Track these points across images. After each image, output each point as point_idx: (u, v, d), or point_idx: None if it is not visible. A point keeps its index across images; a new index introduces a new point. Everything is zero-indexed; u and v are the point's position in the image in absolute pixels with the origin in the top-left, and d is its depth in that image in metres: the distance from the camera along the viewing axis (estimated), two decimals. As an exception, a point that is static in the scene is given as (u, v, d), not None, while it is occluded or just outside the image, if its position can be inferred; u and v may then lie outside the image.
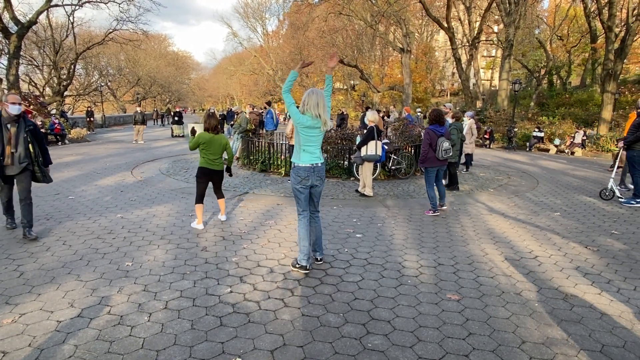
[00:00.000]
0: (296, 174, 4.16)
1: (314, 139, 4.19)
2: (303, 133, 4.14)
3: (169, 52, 64.13)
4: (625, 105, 24.66)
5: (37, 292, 3.66)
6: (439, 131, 6.45)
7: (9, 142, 4.81)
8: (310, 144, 4.17)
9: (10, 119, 4.85)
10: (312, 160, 4.15)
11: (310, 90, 4.20)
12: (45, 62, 32.56)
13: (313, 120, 4.12)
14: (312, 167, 4.15)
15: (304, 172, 4.13)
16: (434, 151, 6.43)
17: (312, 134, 4.16)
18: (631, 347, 2.94)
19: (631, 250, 5.05)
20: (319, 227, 4.46)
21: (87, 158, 12.92)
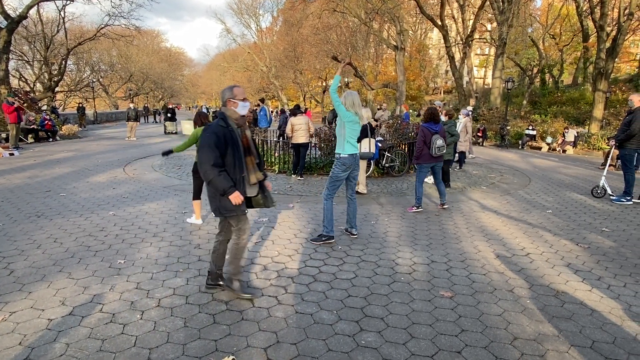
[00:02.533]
0: (342, 163, 4.96)
1: (355, 133, 5.01)
2: (349, 127, 4.94)
3: (162, 48, 63.66)
4: (616, 104, 24.90)
5: (28, 290, 3.62)
6: (433, 129, 6.49)
7: None
8: (352, 137, 4.99)
9: None
10: (354, 151, 4.99)
11: (347, 92, 5.06)
12: (36, 57, 32.20)
13: (354, 117, 4.95)
14: (353, 156, 4.97)
15: (349, 161, 4.95)
16: (428, 148, 6.47)
17: (354, 128, 5.00)
18: (621, 343, 2.98)
19: (621, 247, 5.11)
20: (355, 207, 5.27)
21: (78, 155, 12.80)
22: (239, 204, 3.31)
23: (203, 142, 3.23)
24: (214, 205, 3.42)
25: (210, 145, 3.21)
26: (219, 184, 3.23)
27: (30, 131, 16.41)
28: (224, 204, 3.34)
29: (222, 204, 3.34)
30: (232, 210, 3.37)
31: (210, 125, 3.32)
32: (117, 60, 47.06)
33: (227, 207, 3.34)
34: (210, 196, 3.44)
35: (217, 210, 3.41)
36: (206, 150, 3.21)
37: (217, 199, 3.37)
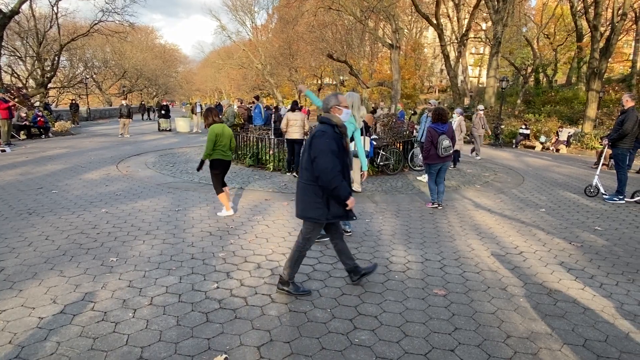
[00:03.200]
0: None
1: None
2: None
3: (156, 44, 63.23)
4: (610, 103, 25.06)
5: (19, 288, 3.58)
6: (440, 129, 6.58)
7: None
8: None
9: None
10: None
11: (348, 94, 4.99)
12: (29, 53, 31.82)
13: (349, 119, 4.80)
14: None
15: None
16: (436, 149, 6.55)
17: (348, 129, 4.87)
18: (613, 341, 2.99)
19: (613, 246, 5.15)
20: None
21: (71, 152, 12.69)
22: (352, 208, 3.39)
23: (324, 147, 3.23)
24: (317, 211, 3.37)
25: (333, 152, 3.24)
26: (342, 190, 3.26)
27: (23, 127, 16.26)
28: (334, 210, 3.37)
29: (332, 210, 3.37)
30: (340, 216, 3.42)
31: (325, 132, 3.32)
32: (110, 56, 46.64)
33: (336, 213, 3.39)
34: (310, 201, 3.39)
35: (323, 216, 3.38)
36: (330, 156, 3.22)
37: (323, 205, 3.36)
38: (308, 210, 3.40)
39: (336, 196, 3.30)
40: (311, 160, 3.31)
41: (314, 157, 3.28)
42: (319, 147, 3.24)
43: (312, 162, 3.30)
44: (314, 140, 3.31)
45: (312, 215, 3.39)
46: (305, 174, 3.42)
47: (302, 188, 3.45)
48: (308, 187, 3.40)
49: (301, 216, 3.46)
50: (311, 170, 3.34)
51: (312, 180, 3.36)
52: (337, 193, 3.27)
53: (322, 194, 3.36)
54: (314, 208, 3.37)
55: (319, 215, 3.38)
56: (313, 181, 3.35)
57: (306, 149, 3.44)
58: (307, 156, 3.37)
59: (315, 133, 3.37)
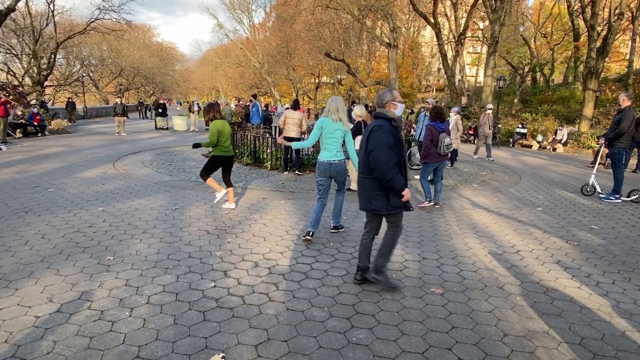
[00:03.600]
0: (317, 167, 4.93)
1: (333, 140, 4.82)
2: (324, 134, 4.84)
3: (154, 42, 62.99)
4: (606, 103, 25.17)
5: (15, 287, 3.57)
6: (440, 127, 6.60)
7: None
8: (330, 144, 4.83)
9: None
10: (330, 157, 4.83)
11: (331, 98, 4.94)
12: (25, 51, 31.65)
13: (334, 124, 4.80)
14: (330, 163, 4.82)
15: (323, 166, 4.85)
16: (436, 147, 6.56)
17: (332, 135, 4.80)
18: (609, 340, 3.01)
19: (610, 245, 5.17)
20: (339, 199, 5.24)
21: (68, 150, 12.64)
22: (408, 200, 3.49)
23: (381, 141, 3.36)
24: (377, 203, 3.51)
25: (389, 145, 3.37)
26: (397, 183, 3.36)
27: (19, 126, 16.18)
28: (393, 202, 3.49)
29: (392, 202, 3.49)
30: (399, 208, 3.54)
31: (382, 126, 3.43)
32: (107, 54, 46.44)
33: (395, 204, 3.50)
34: (368, 194, 3.54)
35: (384, 207, 3.51)
36: (387, 150, 3.35)
37: (383, 197, 3.48)
38: (369, 202, 3.55)
39: (391, 188, 3.41)
40: (368, 154, 3.44)
41: (370, 151, 3.41)
42: (376, 141, 3.38)
43: (369, 155, 3.42)
44: (372, 134, 3.44)
45: (373, 207, 3.55)
46: (362, 169, 3.60)
47: (361, 182, 3.62)
48: (367, 181, 3.55)
49: (364, 208, 3.65)
50: (367, 164, 3.49)
51: (369, 173, 3.51)
52: (391, 184, 3.38)
53: (381, 187, 3.48)
54: (374, 200, 3.52)
55: (380, 207, 3.53)
56: (370, 174, 3.50)
57: (363, 143, 3.56)
58: (365, 150, 3.51)
59: (372, 128, 3.48)
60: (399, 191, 3.41)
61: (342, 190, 5.23)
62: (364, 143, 3.53)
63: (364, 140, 3.55)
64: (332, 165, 4.83)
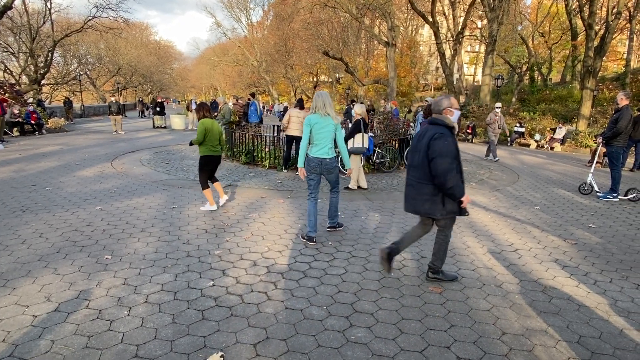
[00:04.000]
0: (307, 163, 4.86)
1: (323, 136, 4.76)
2: (314, 130, 4.75)
3: (151, 41, 62.72)
4: (604, 102, 25.21)
5: (12, 286, 3.55)
6: None
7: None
8: (321, 140, 4.77)
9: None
10: (321, 154, 4.78)
11: (317, 93, 4.88)
12: (22, 49, 31.52)
13: (323, 119, 4.74)
14: (319, 160, 4.78)
15: (313, 163, 4.80)
16: None
17: (322, 130, 4.75)
18: (607, 338, 3.02)
19: (607, 243, 5.18)
20: (334, 200, 5.20)
21: (65, 149, 12.60)
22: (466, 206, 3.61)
23: (444, 150, 3.42)
24: (432, 207, 3.58)
25: (452, 153, 3.45)
26: (459, 190, 3.47)
27: (16, 124, 16.11)
28: (448, 207, 3.57)
29: (447, 207, 3.57)
30: (454, 213, 3.62)
31: (443, 134, 3.48)
32: (105, 53, 46.26)
33: (450, 209, 3.59)
34: (423, 199, 3.60)
35: (438, 212, 3.58)
36: (449, 158, 3.43)
37: (439, 202, 3.56)
38: (422, 206, 3.63)
39: (451, 195, 3.49)
40: (428, 161, 3.50)
41: (431, 158, 3.47)
42: (439, 149, 3.43)
43: (430, 162, 3.49)
44: (433, 142, 3.47)
45: (427, 211, 3.62)
46: (418, 173, 3.64)
47: (415, 186, 3.67)
48: (423, 185, 3.60)
49: (413, 211, 3.74)
50: (425, 170, 3.56)
51: (426, 178, 3.57)
52: (452, 192, 3.47)
53: (438, 192, 3.55)
54: (429, 204, 3.59)
55: (434, 211, 3.60)
56: (428, 179, 3.56)
57: (420, 149, 3.61)
58: (422, 156, 3.57)
59: (434, 135, 3.50)
60: (458, 198, 3.51)
61: (335, 190, 5.17)
62: (423, 149, 3.55)
63: (422, 146, 3.58)
64: (322, 162, 4.79)
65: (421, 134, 3.67)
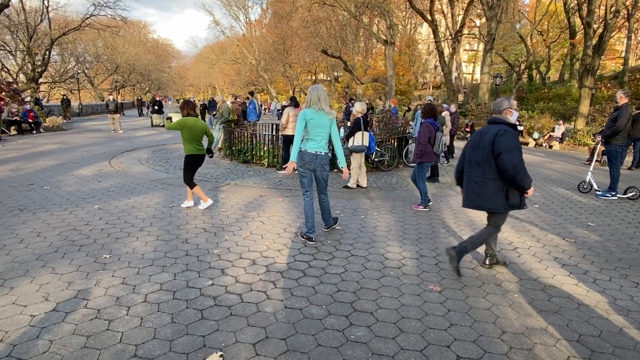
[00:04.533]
0: (301, 157, 4.75)
1: (319, 131, 4.70)
2: (310, 125, 4.67)
3: (149, 39, 62.59)
4: (602, 100, 25.26)
5: (10, 285, 3.53)
6: (436, 125, 6.31)
7: None
8: (317, 135, 4.71)
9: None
10: (316, 149, 4.72)
11: (312, 87, 4.79)
12: (19, 47, 31.43)
13: (318, 114, 4.66)
14: (315, 155, 4.72)
15: (308, 157, 4.72)
16: (432, 146, 6.25)
17: (318, 125, 4.68)
18: (607, 337, 3.01)
19: (606, 242, 5.18)
20: (325, 204, 5.09)
21: (63, 147, 12.56)
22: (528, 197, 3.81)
23: (511, 145, 3.59)
24: (496, 202, 3.74)
25: (519, 148, 3.64)
26: (527, 182, 3.63)
27: (13, 123, 16.06)
28: (512, 200, 3.74)
29: (510, 200, 3.74)
30: (515, 206, 3.78)
31: (507, 131, 3.67)
32: (102, 51, 46.16)
33: (513, 203, 3.75)
34: (487, 194, 3.76)
35: (502, 205, 3.74)
36: (517, 152, 3.61)
37: (502, 197, 3.73)
38: (486, 201, 3.78)
39: (521, 187, 3.66)
40: (494, 157, 3.65)
41: (498, 154, 3.62)
42: (506, 145, 3.59)
43: (496, 158, 3.64)
44: (498, 138, 3.63)
45: (490, 206, 3.80)
46: (479, 170, 3.79)
47: (479, 182, 3.80)
48: (487, 181, 3.75)
49: (475, 207, 3.90)
50: (488, 166, 3.72)
51: (490, 174, 3.72)
52: (522, 184, 3.62)
53: (502, 187, 3.71)
54: (493, 200, 3.74)
55: (498, 206, 3.76)
56: (492, 175, 3.71)
57: (482, 146, 3.75)
58: (486, 153, 3.72)
59: (497, 132, 3.67)
60: (527, 189, 3.69)
61: (325, 193, 5.04)
62: (487, 147, 3.70)
63: (486, 143, 3.72)
64: (317, 157, 4.72)
65: (482, 132, 3.85)
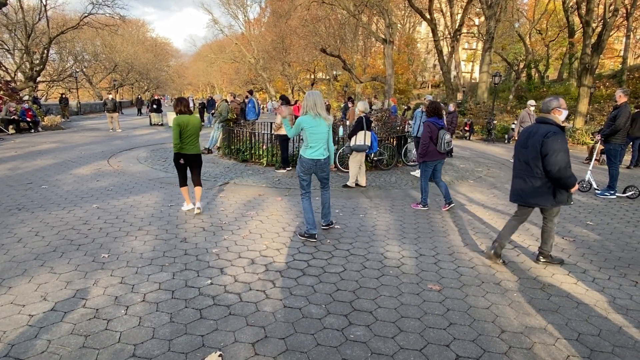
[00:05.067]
0: (301, 164, 4.83)
1: (316, 137, 4.70)
2: (308, 132, 4.69)
3: (148, 38, 62.41)
4: (600, 99, 25.27)
5: (8, 285, 3.52)
6: (439, 124, 6.27)
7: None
8: (314, 141, 4.71)
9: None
10: (315, 156, 4.75)
11: (307, 93, 4.78)
12: (17, 46, 31.30)
13: (315, 120, 4.66)
14: (314, 161, 4.76)
15: (308, 164, 4.78)
16: (435, 144, 6.24)
17: (314, 132, 4.68)
18: (606, 336, 3.01)
19: (605, 240, 5.19)
20: (326, 197, 5.18)
21: (61, 146, 12.52)
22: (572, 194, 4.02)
23: (559, 146, 3.75)
24: (543, 199, 3.96)
25: (566, 150, 3.81)
26: (572, 181, 3.81)
27: (11, 122, 16.01)
28: (559, 197, 3.94)
29: (558, 197, 3.94)
30: (563, 202, 3.99)
31: (556, 133, 3.81)
32: (101, 50, 46.00)
33: (560, 200, 3.96)
34: (534, 191, 3.97)
35: (549, 202, 3.97)
36: (564, 154, 3.77)
37: (550, 194, 3.94)
38: (533, 198, 4.01)
39: (564, 185, 3.84)
40: (542, 156, 3.84)
41: (545, 154, 3.80)
42: (554, 146, 3.76)
43: (544, 158, 3.82)
44: (547, 139, 3.79)
45: (538, 202, 4.02)
46: (527, 168, 4.00)
47: (526, 179, 4.02)
48: (535, 179, 3.95)
49: (521, 202, 4.13)
50: (535, 165, 3.92)
51: (538, 173, 3.93)
52: (566, 183, 3.81)
53: (549, 184, 3.91)
54: (541, 197, 3.97)
55: (545, 202, 3.98)
56: (539, 174, 3.92)
57: (530, 145, 3.93)
58: (534, 153, 3.90)
59: (546, 133, 3.82)
60: (571, 188, 3.87)
61: (327, 187, 5.15)
62: (536, 146, 3.87)
63: (535, 143, 3.88)
64: (317, 163, 4.78)
65: (531, 131, 3.99)
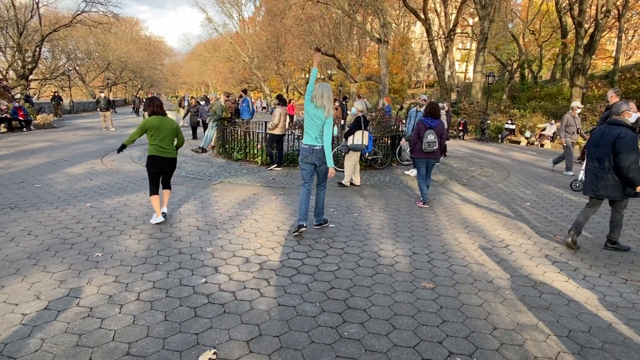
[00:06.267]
0: (300, 153, 5.01)
1: (312, 124, 4.84)
2: (306, 117, 4.90)
3: (141, 36, 62.03)
4: (592, 99, 25.49)
5: (1, 284, 3.50)
6: (428, 123, 6.43)
7: None
8: (310, 129, 4.85)
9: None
10: (311, 142, 4.86)
11: (318, 84, 4.92)
12: (9, 44, 30.97)
13: (316, 109, 4.80)
14: (310, 148, 4.85)
15: (305, 151, 4.90)
16: (421, 142, 6.43)
17: (311, 119, 4.83)
18: (596, 332, 3.06)
19: (596, 239, 5.25)
20: (320, 197, 5.23)
21: (54, 145, 12.43)
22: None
23: (631, 147, 4.25)
24: (614, 191, 4.48)
25: (637, 150, 4.27)
26: (638, 179, 4.28)
27: (3, 120, 15.86)
28: (627, 191, 4.45)
29: (626, 190, 4.46)
30: (630, 195, 4.47)
31: (627, 134, 4.31)
32: (94, 48, 45.60)
33: (628, 193, 4.46)
34: (607, 185, 4.50)
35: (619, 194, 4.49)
36: (635, 154, 4.25)
37: (620, 188, 4.47)
38: (605, 191, 4.53)
39: (631, 182, 4.33)
40: (614, 155, 4.36)
41: (617, 153, 4.32)
42: (627, 146, 4.27)
43: (615, 156, 4.34)
44: (619, 140, 4.32)
45: (609, 195, 4.53)
46: (600, 164, 4.54)
47: (598, 175, 4.56)
48: (607, 175, 4.49)
49: (595, 195, 4.64)
50: (609, 162, 4.44)
51: (610, 169, 4.45)
52: (633, 180, 4.30)
53: (620, 179, 4.42)
54: (612, 190, 4.49)
55: (616, 195, 4.50)
56: (611, 170, 4.45)
57: (603, 144, 4.46)
58: (607, 151, 4.42)
59: (619, 134, 4.34)
60: (637, 185, 4.31)
61: (323, 185, 5.20)
62: (609, 145, 4.40)
63: (607, 142, 4.41)
64: (313, 150, 4.86)
65: (604, 132, 4.51)
